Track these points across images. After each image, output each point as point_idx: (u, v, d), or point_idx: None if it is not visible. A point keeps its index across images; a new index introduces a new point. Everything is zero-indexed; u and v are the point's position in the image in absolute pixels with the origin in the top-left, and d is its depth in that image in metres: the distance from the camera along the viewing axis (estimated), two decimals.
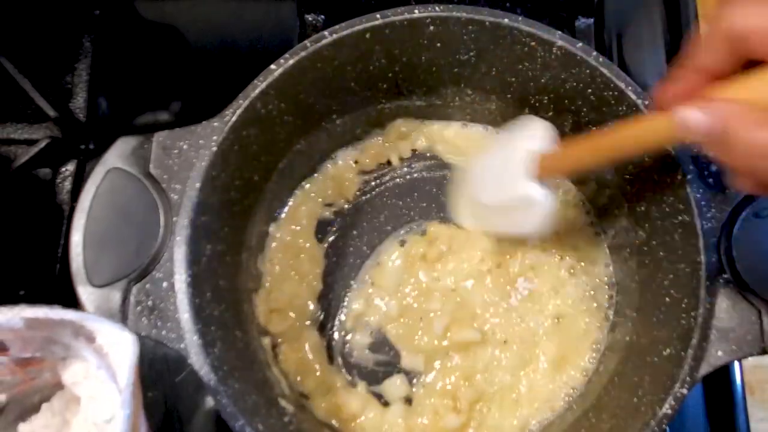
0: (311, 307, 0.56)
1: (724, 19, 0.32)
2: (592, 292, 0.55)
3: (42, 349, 0.36)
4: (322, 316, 0.56)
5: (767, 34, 0.30)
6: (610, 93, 0.47)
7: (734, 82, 0.32)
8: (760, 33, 0.30)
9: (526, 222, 0.49)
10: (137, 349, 0.35)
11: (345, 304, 0.56)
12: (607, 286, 0.56)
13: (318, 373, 0.54)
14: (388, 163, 0.60)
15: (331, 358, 0.55)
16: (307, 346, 0.54)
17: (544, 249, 0.57)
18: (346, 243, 0.58)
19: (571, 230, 0.57)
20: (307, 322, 0.55)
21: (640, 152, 0.39)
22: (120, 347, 0.35)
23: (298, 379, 0.53)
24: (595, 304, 0.55)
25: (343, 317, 0.56)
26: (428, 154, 0.61)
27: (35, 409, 0.39)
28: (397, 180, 0.60)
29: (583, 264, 0.56)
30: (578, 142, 0.45)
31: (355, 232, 0.58)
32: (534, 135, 0.48)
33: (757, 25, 0.30)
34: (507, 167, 0.49)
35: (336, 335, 0.56)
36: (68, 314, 0.35)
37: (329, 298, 0.57)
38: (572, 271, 0.56)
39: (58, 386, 0.39)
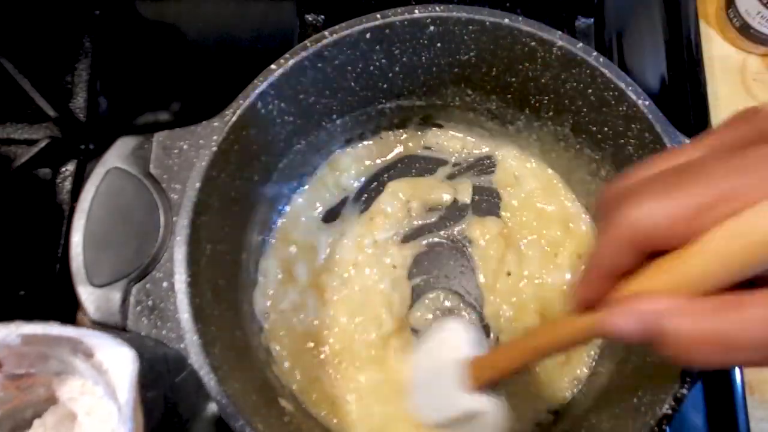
0: (312, 306, 0.56)
1: (624, 223, 0.29)
2: None
3: (35, 365, 0.36)
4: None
5: (672, 227, 0.27)
6: (611, 93, 0.47)
7: (644, 273, 0.29)
8: (665, 227, 0.27)
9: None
10: (137, 364, 0.34)
11: None
12: None
13: (318, 373, 0.54)
14: (389, 163, 0.60)
15: (332, 358, 0.55)
16: (307, 345, 0.54)
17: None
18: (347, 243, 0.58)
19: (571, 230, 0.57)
20: (308, 322, 0.55)
21: (569, 350, 0.36)
22: (120, 363, 0.34)
23: (298, 378, 0.53)
24: None
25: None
26: (428, 155, 0.61)
27: (27, 425, 0.38)
28: (399, 180, 0.60)
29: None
30: (507, 346, 0.43)
31: (355, 232, 0.58)
32: (458, 340, 0.45)
33: (662, 220, 0.27)
34: (439, 384, 0.45)
35: (337, 335, 0.56)
36: (66, 330, 0.34)
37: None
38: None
39: (51, 401, 0.38)
